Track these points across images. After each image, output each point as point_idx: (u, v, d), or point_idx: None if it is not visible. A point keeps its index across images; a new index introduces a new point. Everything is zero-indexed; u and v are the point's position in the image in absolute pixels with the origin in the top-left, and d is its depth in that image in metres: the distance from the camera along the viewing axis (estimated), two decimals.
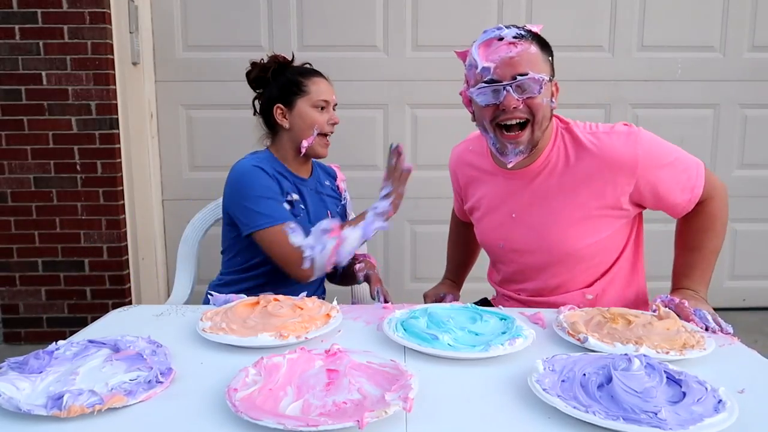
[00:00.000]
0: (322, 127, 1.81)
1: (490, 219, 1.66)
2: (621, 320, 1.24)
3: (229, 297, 1.48)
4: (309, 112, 1.80)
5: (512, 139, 1.45)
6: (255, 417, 0.86)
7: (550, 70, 1.44)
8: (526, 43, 1.39)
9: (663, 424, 0.84)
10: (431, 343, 1.17)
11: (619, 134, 1.50)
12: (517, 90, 1.39)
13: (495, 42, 1.41)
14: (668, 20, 3.26)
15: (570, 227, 1.53)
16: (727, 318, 1.35)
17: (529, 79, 1.38)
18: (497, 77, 1.40)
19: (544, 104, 1.42)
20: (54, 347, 1.13)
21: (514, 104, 1.40)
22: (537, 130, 1.45)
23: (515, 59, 1.38)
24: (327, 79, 1.87)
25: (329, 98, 1.83)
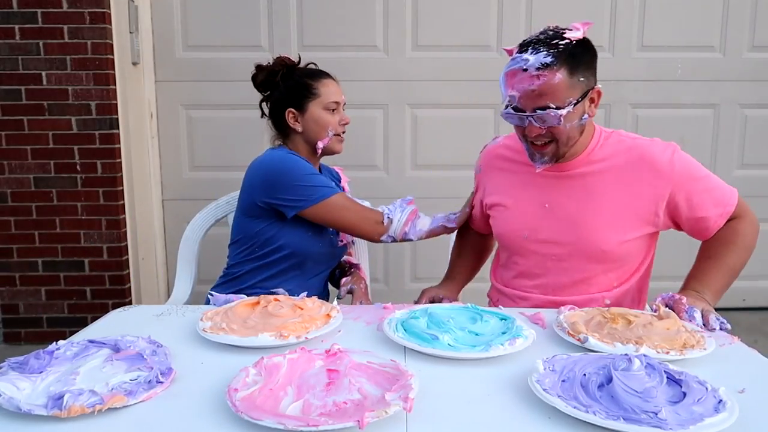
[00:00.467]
0: (335, 128, 1.84)
1: (518, 208, 1.67)
2: (621, 320, 1.24)
3: (229, 297, 1.48)
4: (321, 115, 1.82)
5: (539, 149, 1.53)
6: (255, 417, 0.86)
7: (581, 89, 1.45)
8: (551, 72, 1.40)
9: (663, 424, 0.84)
10: (431, 343, 1.17)
11: (659, 143, 1.57)
12: (538, 120, 1.45)
13: (520, 73, 1.43)
14: (668, 20, 3.26)
15: (603, 222, 1.57)
16: (726, 318, 1.35)
17: (547, 114, 1.43)
18: (521, 106, 1.46)
19: (567, 129, 1.47)
20: (54, 347, 1.13)
21: (536, 132, 1.47)
22: (562, 147, 1.51)
23: (536, 92, 1.42)
24: (335, 79, 1.89)
25: (339, 99, 1.86)
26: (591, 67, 1.49)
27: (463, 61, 3.26)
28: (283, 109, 1.84)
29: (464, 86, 3.29)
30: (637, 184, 1.54)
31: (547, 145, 1.51)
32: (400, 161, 3.36)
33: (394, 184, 3.37)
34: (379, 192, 3.32)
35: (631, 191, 1.55)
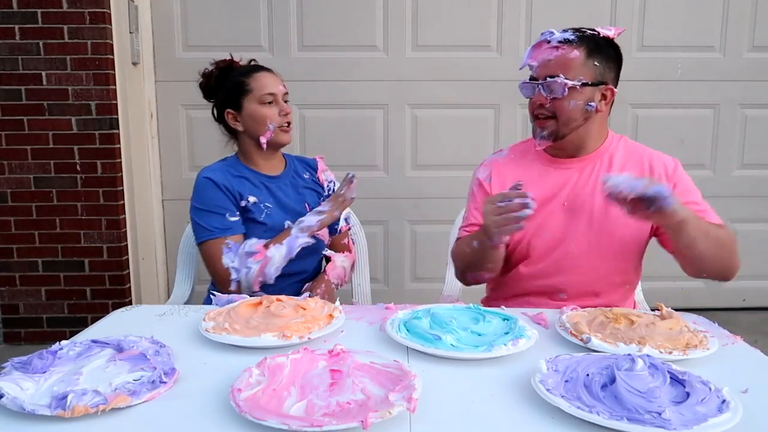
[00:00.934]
0: (275, 120, 1.81)
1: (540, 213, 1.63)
2: (624, 320, 1.24)
3: (231, 297, 1.48)
4: (257, 110, 1.80)
5: (540, 123, 1.60)
6: (259, 417, 0.86)
7: (594, 74, 1.54)
8: (570, 47, 1.52)
9: (667, 424, 0.84)
10: (434, 343, 1.18)
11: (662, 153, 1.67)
12: (546, 89, 1.54)
13: (544, 44, 1.55)
14: (668, 20, 3.26)
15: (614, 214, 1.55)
16: (727, 318, 1.35)
17: (555, 82, 1.52)
18: (536, 75, 1.57)
19: (571, 107, 1.54)
20: (57, 347, 1.13)
21: (541, 101, 1.55)
22: (562, 126, 1.57)
23: (551, 62, 1.53)
24: (271, 71, 1.86)
25: (274, 90, 1.82)
26: (611, 62, 1.57)
27: (463, 61, 3.26)
28: (223, 111, 1.85)
29: (464, 86, 3.29)
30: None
31: (548, 119, 1.57)
32: (400, 161, 3.36)
33: (394, 184, 3.37)
34: (379, 192, 3.32)
35: None
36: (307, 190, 1.94)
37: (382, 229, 3.37)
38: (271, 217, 1.81)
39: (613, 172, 1.60)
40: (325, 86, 3.26)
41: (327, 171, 2.03)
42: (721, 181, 3.40)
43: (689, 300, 3.39)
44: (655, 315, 1.29)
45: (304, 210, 1.86)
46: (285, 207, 1.85)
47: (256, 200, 1.81)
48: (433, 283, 2.05)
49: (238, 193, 1.80)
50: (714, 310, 3.21)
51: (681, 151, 3.34)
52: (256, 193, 1.82)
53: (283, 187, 1.89)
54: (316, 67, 3.23)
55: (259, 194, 1.82)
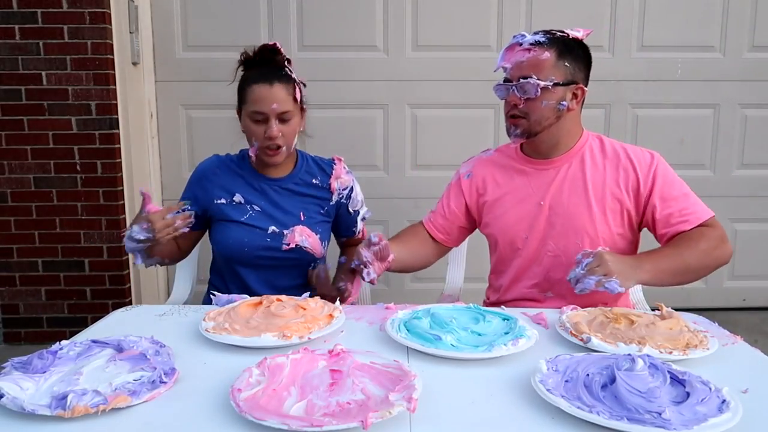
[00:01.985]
0: (260, 140, 1.72)
1: (517, 211, 1.70)
2: (624, 320, 1.24)
3: (231, 297, 1.48)
4: (247, 124, 1.74)
5: (513, 122, 1.64)
6: (259, 417, 0.86)
7: (565, 74, 1.58)
8: (541, 49, 1.55)
9: (667, 424, 0.84)
10: (434, 343, 1.18)
11: (641, 148, 1.68)
12: (520, 90, 1.58)
13: (516, 47, 1.59)
14: (668, 20, 3.26)
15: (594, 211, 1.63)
16: (727, 318, 1.35)
17: (528, 83, 1.55)
18: (509, 77, 1.61)
19: (543, 107, 1.58)
20: (57, 347, 1.13)
21: (515, 101, 1.60)
22: (534, 124, 1.61)
23: (524, 63, 1.57)
24: (270, 83, 1.70)
25: (264, 109, 1.69)
26: (580, 62, 1.62)
27: (463, 61, 3.26)
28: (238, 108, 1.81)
29: (464, 86, 3.29)
30: (619, 171, 1.63)
31: (520, 118, 1.61)
32: (400, 161, 3.36)
33: (394, 184, 3.37)
34: (379, 192, 3.32)
35: (614, 178, 1.63)
36: (309, 199, 1.85)
37: (382, 229, 3.37)
38: (255, 219, 1.78)
39: (588, 170, 1.64)
40: (325, 86, 3.25)
41: (343, 177, 1.90)
42: (721, 181, 3.40)
43: (689, 300, 3.39)
44: (655, 315, 1.29)
45: (297, 218, 1.81)
46: (273, 213, 1.80)
47: (242, 200, 1.79)
48: (433, 283, 2.05)
49: (221, 187, 1.79)
50: (714, 310, 3.21)
51: (681, 151, 3.36)
52: (247, 192, 1.80)
53: (281, 190, 1.82)
54: (316, 67, 3.23)
55: (249, 194, 1.80)
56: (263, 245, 1.78)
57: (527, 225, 1.69)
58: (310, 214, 1.84)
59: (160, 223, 1.53)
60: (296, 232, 1.78)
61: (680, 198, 1.59)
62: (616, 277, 1.35)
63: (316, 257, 1.84)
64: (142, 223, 1.54)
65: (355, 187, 1.93)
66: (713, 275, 3.47)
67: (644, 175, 1.61)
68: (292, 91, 1.75)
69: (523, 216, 1.69)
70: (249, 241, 1.77)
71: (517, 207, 1.71)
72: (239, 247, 1.77)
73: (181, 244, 1.84)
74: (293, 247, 1.78)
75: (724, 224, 1.60)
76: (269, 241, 1.78)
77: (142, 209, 1.56)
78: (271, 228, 1.78)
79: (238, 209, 1.79)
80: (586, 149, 1.67)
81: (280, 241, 1.78)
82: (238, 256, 1.78)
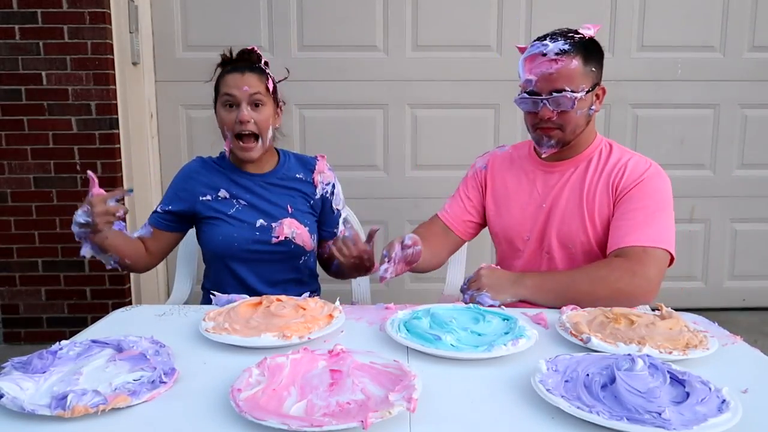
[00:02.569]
0: (230, 127, 1.70)
1: (521, 211, 1.71)
2: (623, 320, 1.24)
3: (231, 297, 1.48)
4: (219, 113, 1.73)
5: (546, 132, 1.59)
6: (259, 417, 0.86)
7: (592, 79, 1.56)
8: (568, 58, 1.50)
9: (667, 424, 0.84)
10: (434, 343, 1.17)
11: (644, 159, 1.64)
12: (553, 103, 1.53)
13: (539, 57, 1.52)
14: (668, 20, 3.26)
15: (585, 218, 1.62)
16: (726, 318, 1.35)
17: (563, 97, 1.51)
18: (537, 90, 1.54)
19: (578, 116, 1.55)
20: (57, 347, 1.13)
21: (549, 115, 1.54)
22: (569, 134, 1.59)
23: (554, 75, 1.51)
24: (242, 72, 1.71)
25: (235, 92, 1.68)
26: (600, 62, 1.59)
27: (463, 61, 3.26)
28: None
29: (464, 86, 3.30)
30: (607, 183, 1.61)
31: (554, 129, 1.57)
32: (400, 161, 3.36)
33: (394, 184, 3.37)
34: (379, 192, 3.32)
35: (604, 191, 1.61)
36: (296, 192, 1.83)
37: (382, 229, 3.36)
38: (242, 213, 1.77)
39: (588, 176, 1.63)
40: (325, 86, 3.26)
41: (326, 172, 1.88)
42: (721, 181, 3.40)
43: (689, 300, 3.39)
44: (655, 315, 1.29)
45: (285, 211, 1.79)
46: (260, 206, 1.78)
47: (227, 196, 1.77)
48: (433, 283, 2.05)
49: (204, 185, 1.78)
50: (714, 310, 3.21)
51: (681, 151, 3.36)
52: (232, 188, 1.78)
53: (266, 185, 1.80)
54: (316, 67, 3.23)
55: (234, 189, 1.78)
56: (252, 239, 1.76)
57: (530, 226, 1.69)
58: (297, 206, 1.82)
59: (100, 208, 1.46)
60: (285, 224, 1.77)
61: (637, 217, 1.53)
62: (486, 291, 1.44)
63: (306, 250, 1.82)
64: (84, 206, 1.48)
65: (336, 185, 1.91)
66: (713, 275, 3.48)
67: (628, 181, 1.58)
68: (265, 81, 1.74)
69: (527, 217, 1.70)
70: (238, 236, 1.75)
71: (521, 207, 1.71)
72: (228, 242, 1.75)
73: (149, 246, 1.78)
74: (282, 239, 1.77)
75: (724, 224, 1.60)
76: (258, 235, 1.76)
77: (89, 193, 1.50)
78: (259, 221, 1.76)
79: (224, 203, 1.77)
80: (595, 155, 1.65)
81: (270, 235, 1.76)
82: (229, 251, 1.76)
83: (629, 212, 1.55)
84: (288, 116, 3.25)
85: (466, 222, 1.83)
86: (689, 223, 3.38)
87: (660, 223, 1.54)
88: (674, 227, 1.56)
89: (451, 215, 1.83)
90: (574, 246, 1.64)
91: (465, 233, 1.84)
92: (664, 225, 1.54)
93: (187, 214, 1.80)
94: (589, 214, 1.61)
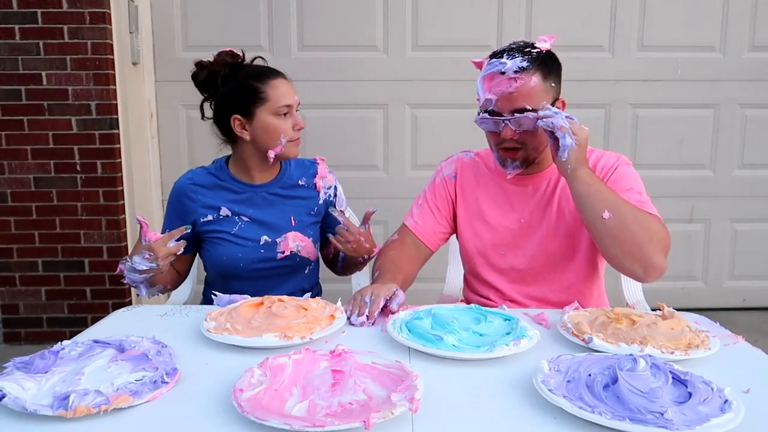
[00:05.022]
0: (288, 134, 1.68)
1: (497, 227, 1.67)
2: (625, 320, 1.24)
3: (232, 297, 1.48)
4: (272, 122, 1.66)
5: (510, 155, 1.55)
6: (261, 417, 0.86)
7: (552, 95, 1.50)
8: (527, 76, 1.45)
9: (669, 424, 0.84)
10: (436, 343, 1.17)
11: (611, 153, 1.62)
12: (515, 123, 1.48)
13: (498, 75, 1.47)
14: (668, 20, 3.26)
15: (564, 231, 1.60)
16: (726, 318, 1.35)
17: (525, 117, 1.46)
18: (497, 110, 1.49)
19: (540, 133, 1.49)
20: (59, 347, 1.13)
21: (511, 135, 1.49)
22: (532, 152, 1.55)
23: (514, 94, 1.45)
24: (285, 77, 1.71)
25: (291, 101, 1.68)
26: (559, 76, 1.54)
27: (463, 61, 3.24)
28: (228, 115, 1.69)
29: (464, 86, 3.28)
30: None
31: (518, 150, 1.53)
32: (400, 161, 3.36)
33: (394, 184, 3.37)
34: (379, 192, 3.32)
35: None
36: (299, 200, 1.80)
37: (382, 229, 3.37)
38: (245, 230, 1.73)
39: (559, 189, 1.60)
40: (325, 86, 3.26)
41: (327, 177, 1.85)
42: (721, 181, 3.40)
43: (689, 300, 3.40)
44: (656, 315, 1.29)
45: (288, 224, 1.76)
46: (263, 221, 1.75)
47: (229, 214, 1.73)
48: (434, 283, 2.05)
49: (204, 206, 1.73)
50: (714, 310, 3.22)
51: (681, 151, 3.36)
52: (233, 204, 1.74)
53: (267, 196, 1.77)
54: (316, 67, 3.23)
55: (236, 206, 1.74)
56: (257, 257, 1.73)
57: (507, 241, 1.65)
58: (300, 218, 1.79)
59: (163, 252, 1.49)
60: (289, 238, 1.75)
61: (627, 193, 1.49)
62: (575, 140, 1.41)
63: (311, 260, 1.82)
64: (143, 253, 1.49)
65: (338, 187, 1.88)
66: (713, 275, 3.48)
67: (604, 171, 1.56)
68: None
69: (504, 232, 1.65)
70: (243, 255, 1.72)
71: (497, 222, 1.66)
72: (234, 262, 1.73)
73: (178, 269, 1.80)
74: (288, 254, 1.75)
75: (723, 224, 1.60)
76: (263, 252, 1.74)
77: (142, 238, 1.50)
78: (263, 238, 1.73)
79: (226, 222, 1.73)
80: None
81: (274, 251, 1.74)
82: (234, 271, 1.74)
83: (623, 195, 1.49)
84: None
85: (437, 233, 1.75)
86: (689, 223, 3.38)
87: (650, 202, 1.51)
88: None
89: (422, 227, 1.74)
90: (552, 260, 1.62)
91: (434, 244, 1.77)
92: (652, 205, 1.51)
93: (194, 235, 1.76)
94: (570, 225, 1.59)
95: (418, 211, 1.77)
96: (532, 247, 1.63)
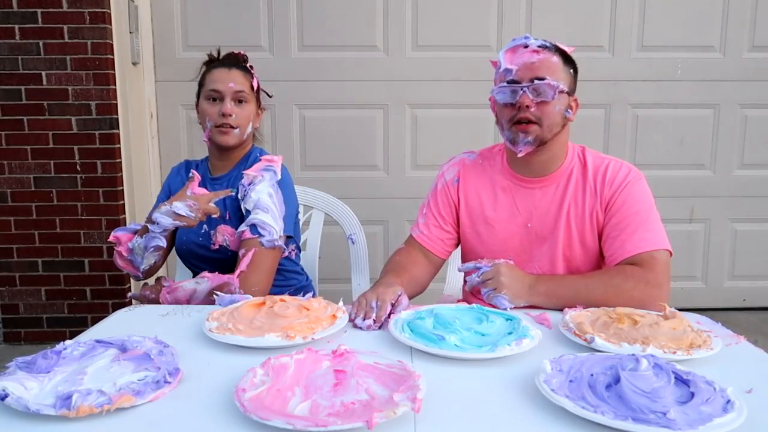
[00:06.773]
0: (213, 119, 1.73)
1: (504, 231, 1.66)
2: (627, 320, 1.24)
3: (234, 297, 1.48)
4: (202, 106, 1.77)
5: (523, 129, 1.53)
6: (264, 417, 0.86)
7: (570, 82, 1.54)
8: (549, 53, 1.51)
9: (672, 424, 0.84)
10: (438, 343, 1.17)
11: (625, 165, 1.61)
12: (533, 92, 1.49)
13: (521, 48, 1.52)
14: (668, 20, 3.26)
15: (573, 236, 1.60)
16: (727, 318, 1.35)
17: (545, 84, 1.48)
18: (517, 78, 1.51)
19: (556, 111, 1.52)
20: (62, 347, 1.13)
21: (528, 103, 1.49)
22: (546, 130, 1.53)
23: (536, 64, 1.49)
24: (230, 67, 1.76)
25: (221, 87, 1.72)
26: (575, 74, 1.57)
27: (463, 61, 3.27)
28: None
29: (464, 86, 3.30)
30: (594, 202, 1.58)
31: (532, 124, 1.51)
32: (400, 161, 3.37)
33: (394, 184, 3.37)
34: (379, 192, 3.32)
35: (591, 208, 1.59)
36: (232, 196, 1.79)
37: (382, 229, 3.37)
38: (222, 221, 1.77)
39: (569, 195, 1.60)
40: (325, 86, 3.26)
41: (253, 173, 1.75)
42: (721, 181, 3.40)
43: (689, 300, 3.40)
44: (658, 315, 1.29)
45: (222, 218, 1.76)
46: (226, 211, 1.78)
47: None
48: (434, 283, 2.04)
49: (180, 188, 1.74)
50: (714, 310, 3.22)
51: (681, 151, 3.36)
52: None
53: (216, 188, 1.79)
54: (316, 67, 3.23)
55: None
56: (197, 242, 1.80)
57: (513, 246, 1.64)
58: (233, 211, 1.78)
59: (205, 206, 1.57)
60: (219, 232, 1.78)
61: (631, 224, 1.51)
62: (505, 293, 1.42)
63: None
64: (187, 201, 1.57)
65: (257, 185, 1.73)
66: (713, 275, 3.49)
67: (613, 189, 1.56)
68: (249, 79, 1.80)
69: (509, 237, 1.65)
70: (186, 239, 1.82)
71: (503, 227, 1.66)
72: (180, 242, 1.84)
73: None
74: (218, 248, 1.78)
75: (723, 224, 1.60)
76: (201, 240, 1.80)
77: (188, 190, 1.58)
78: (204, 227, 1.78)
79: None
80: (574, 171, 1.61)
81: (210, 241, 1.79)
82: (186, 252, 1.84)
83: (625, 219, 1.53)
84: (288, 116, 3.27)
85: (445, 241, 1.74)
86: (689, 223, 3.38)
87: (655, 224, 1.53)
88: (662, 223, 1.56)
89: (428, 236, 1.73)
90: (565, 260, 1.62)
91: (444, 252, 1.75)
92: (658, 225, 1.53)
93: None
94: (578, 234, 1.59)
95: (423, 220, 1.77)
96: (546, 255, 1.62)
